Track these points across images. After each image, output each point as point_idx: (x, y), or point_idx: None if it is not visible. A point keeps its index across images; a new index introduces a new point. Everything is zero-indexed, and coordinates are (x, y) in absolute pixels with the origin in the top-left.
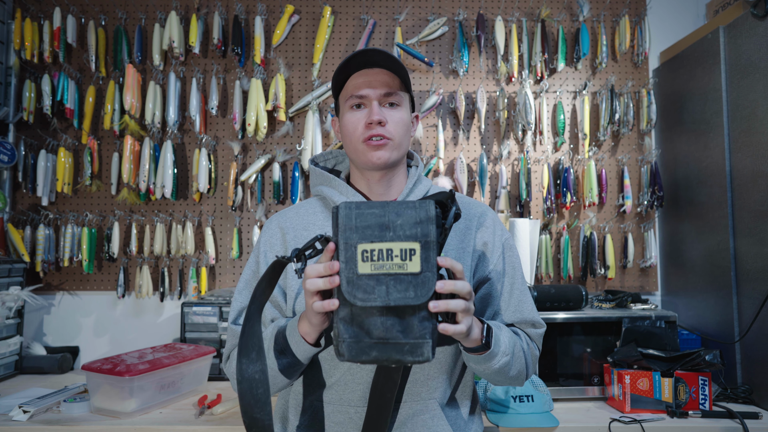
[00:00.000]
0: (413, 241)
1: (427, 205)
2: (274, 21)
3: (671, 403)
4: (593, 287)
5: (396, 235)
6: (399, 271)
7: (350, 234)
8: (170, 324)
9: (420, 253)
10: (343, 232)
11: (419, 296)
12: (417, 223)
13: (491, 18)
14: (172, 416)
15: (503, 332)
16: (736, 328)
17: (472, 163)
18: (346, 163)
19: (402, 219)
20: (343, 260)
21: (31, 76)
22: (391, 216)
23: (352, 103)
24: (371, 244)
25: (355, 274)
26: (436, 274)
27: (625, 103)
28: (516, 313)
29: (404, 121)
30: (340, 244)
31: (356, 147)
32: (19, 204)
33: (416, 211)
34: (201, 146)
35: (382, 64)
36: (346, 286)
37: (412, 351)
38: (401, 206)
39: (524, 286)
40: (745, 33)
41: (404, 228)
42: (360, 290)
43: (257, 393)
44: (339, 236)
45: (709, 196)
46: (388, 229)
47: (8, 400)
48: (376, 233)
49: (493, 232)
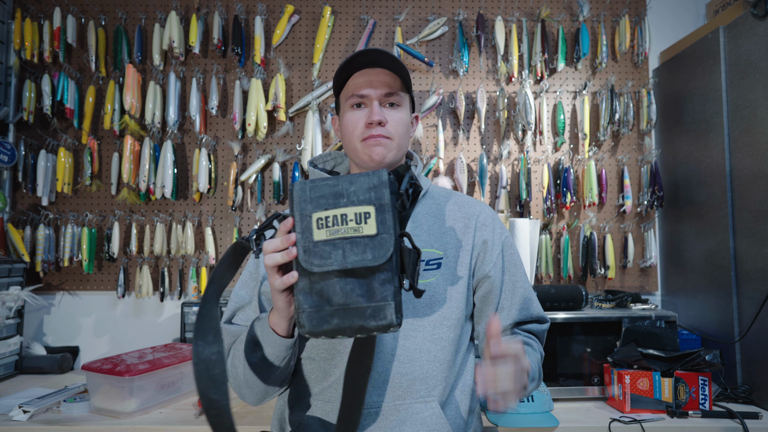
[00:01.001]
0: (367, 205)
1: (380, 173)
2: (274, 21)
3: (671, 403)
4: (593, 287)
5: (350, 200)
6: (354, 234)
7: (305, 205)
8: (170, 324)
9: (375, 216)
10: (297, 204)
11: (377, 258)
12: (370, 189)
13: (491, 18)
14: (172, 416)
15: (531, 359)
16: (736, 328)
17: (472, 163)
18: (345, 164)
19: (355, 186)
20: (300, 231)
21: (31, 76)
22: (344, 185)
23: (353, 102)
24: (325, 211)
25: (311, 242)
26: (393, 236)
27: (625, 103)
28: (523, 310)
29: (404, 122)
30: (296, 217)
31: (355, 146)
32: (19, 204)
33: (369, 178)
34: (201, 146)
35: (384, 64)
36: (303, 255)
37: (375, 315)
38: (354, 176)
39: (527, 283)
40: (745, 33)
41: (357, 194)
42: (316, 257)
43: (213, 373)
44: (294, 209)
45: (709, 196)
46: (342, 196)
47: (8, 400)
48: (330, 201)
49: (492, 230)
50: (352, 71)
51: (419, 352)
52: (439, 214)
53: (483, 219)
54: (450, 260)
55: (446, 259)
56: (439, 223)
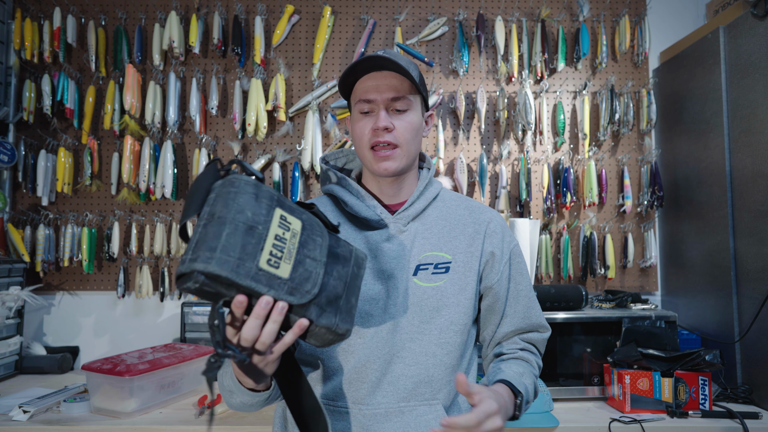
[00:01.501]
0: (273, 209)
1: (232, 180)
2: (274, 21)
3: (671, 403)
4: (593, 287)
5: (262, 222)
6: (297, 237)
7: (244, 266)
8: (170, 324)
9: (283, 210)
10: (238, 276)
11: (324, 232)
12: (254, 198)
13: (491, 18)
14: (172, 416)
15: (527, 382)
16: (736, 328)
17: (472, 163)
18: (357, 162)
19: (236, 206)
20: (267, 286)
21: (31, 76)
22: (232, 214)
23: (360, 109)
24: (263, 250)
25: (288, 280)
26: (306, 212)
27: (625, 103)
28: (524, 319)
29: (412, 126)
30: (249, 284)
31: (364, 154)
32: (19, 204)
33: (236, 192)
34: (201, 146)
35: (391, 67)
36: (293, 297)
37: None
38: (222, 198)
39: (531, 292)
40: (745, 33)
41: (256, 212)
42: (304, 284)
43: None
44: (242, 282)
45: (709, 196)
46: (254, 225)
47: (8, 400)
48: (253, 240)
49: (501, 239)
50: (359, 75)
51: (425, 355)
52: (449, 218)
53: (493, 227)
54: (458, 265)
55: (455, 264)
56: (449, 228)
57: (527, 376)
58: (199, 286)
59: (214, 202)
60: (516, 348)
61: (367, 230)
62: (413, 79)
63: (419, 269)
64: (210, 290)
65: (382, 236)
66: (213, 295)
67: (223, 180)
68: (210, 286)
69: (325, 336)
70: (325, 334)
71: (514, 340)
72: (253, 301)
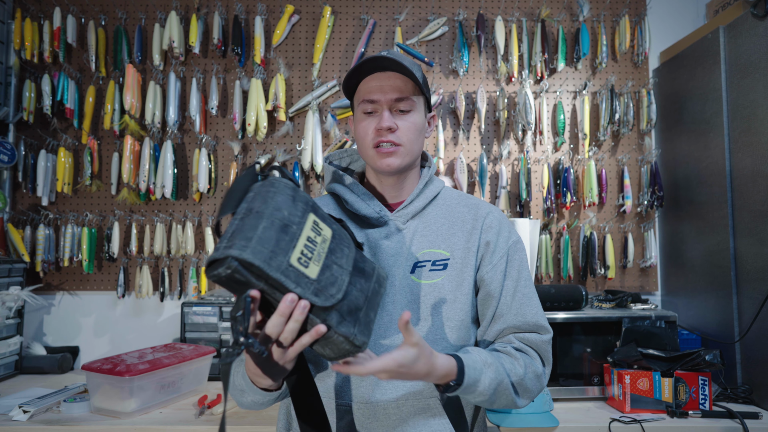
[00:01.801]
0: (307, 214)
1: (272, 182)
2: (274, 21)
3: (671, 403)
4: (593, 287)
5: (296, 223)
6: (327, 243)
7: (275, 260)
8: (170, 324)
9: (317, 217)
10: (269, 267)
11: (351, 243)
12: (293, 201)
13: (491, 18)
14: (172, 416)
15: (485, 374)
16: (736, 328)
17: (472, 163)
18: (360, 161)
19: (273, 204)
20: (295, 283)
21: (31, 76)
22: (270, 211)
23: (364, 109)
24: (295, 248)
25: (313, 281)
26: (336, 222)
27: (625, 103)
28: (518, 316)
29: (415, 126)
30: (278, 277)
31: (367, 152)
32: (19, 204)
33: (275, 192)
34: (201, 146)
35: (395, 68)
36: (317, 298)
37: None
38: (261, 195)
39: (529, 290)
40: (745, 33)
41: (293, 212)
42: (329, 288)
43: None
44: (271, 274)
45: (709, 196)
46: (288, 225)
47: (8, 400)
48: (286, 237)
49: (497, 232)
50: (362, 75)
51: None
52: (449, 216)
53: (490, 221)
54: (456, 261)
55: (453, 260)
56: (449, 225)
57: (492, 367)
58: (231, 272)
59: (253, 199)
60: (507, 346)
61: (368, 228)
62: (417, 80)
63: (417, 266)
64: (240, 278)
65: (381, 234)
66: (242, 284)
67: (263, 181)
68: (241, 274)
69: (342, 345)
70: (342, 343)
71: (509, 338)
72: (278, 296)
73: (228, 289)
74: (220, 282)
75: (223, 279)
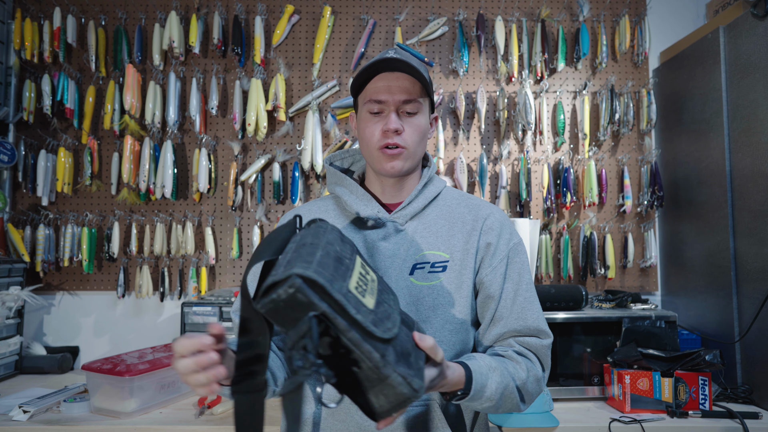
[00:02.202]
0: (354, 254)
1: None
2: (274, 21)
3: (671, 403)
4: (593, 287)
5: (348, 256)
6: (377, 282)
7: (335, 284)
8: (170, 324)
9: (363, 256)
10: (331, 287)
11: (395, 292)
12: (339, 240)
13: (491, 18)
14: (172, 416)
15: (492, 379)
16: (736, 328)
17: (472, 163)
18: (361, 162)
19: (326, 239)
20: (354, 309)
21: (31, 76)
22: (324, 243)
23: (370, 109)
24: (352, 276)
25: (369, 311)
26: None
27: (625, 103)
28: (519, 320)
29: (421, 129)
30: (339, 298)
31: (372, 153)
32: (19, 204)
33: (323, 230)
34: (201, 146)
35: (403, 68)
36: (375, 327)
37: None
38: (311, 233)
39: (531, 293)
40: (745, 33)
41: (344, 247)
42: (385, 321)
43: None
44: (333, 293)
45: (709, 196)
46: (341, 258)
47: (8, 400)
48: (341, 266)
49: (498, 234)
50: (371, 74)
51: None
52: (449, 217)
53: (490, 223)
54: (456, 263)
55: (452, 262)
56: (449, 226)
57: (497, 372)
58: (294, 291)
59: (303, 236)
60: (508, 349)
61: (366, 229)
62: (425, 81)
63: (416, 268)
64: (302, 299)
65: (380, 235)
66: (301, 308)
67: (310, 225)
68: (304, 294)
69: (399, 388)
70: (400, 385)
71: (509, 342)
72: (339, 321)
73: (281, 319)
74: (275, 308)
75: (282, 302)
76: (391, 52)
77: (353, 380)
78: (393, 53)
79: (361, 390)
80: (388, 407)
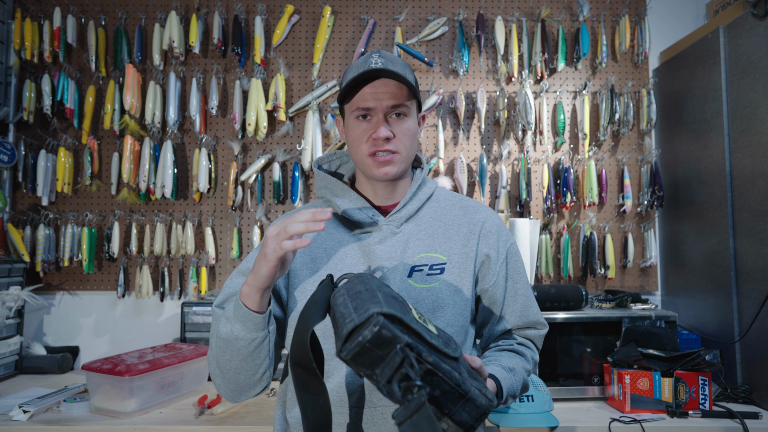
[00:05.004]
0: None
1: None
2: (274, 21)
3: (671, 403)
4: (593, 287)
5: (402, 300)
6: (420, 316)
7: (407, 315)
8: (170, 324)
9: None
10: (407, 319)
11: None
12: (383, 284)
13: (491, 18)
14: (172, 416)
15: (515, 378)
16: (736, 328)
17: (472, 163)
18: (350, 164)
19: (375, 284)
20: (429, 335)
21: (31, 76)
22: (375, 287)
23: (358, 114)
24: (411, 310)
25: (435, 336)
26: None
27: (625, 103)
28: (521, 317)
29: (411, 132)
30: (417, 328)
31: (363, 160)
32: (19, 204)
33: (361, 278)
34: (201, 146)
35: (390, 75)
36: (445, 347)
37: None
38: (358, 282)
39: (528, 290)
40: (745, 33)
41: (386, 288)
42: (451, 345)
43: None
44: (411, 324)
45: (709, 196)
46: (395, 296)
47: (8, 400)
48: (397, 303)
49: (497, 239)
50: (356, 85)
51: None
52: (443, 219)
53: (488, 227)
54: (453, 266)
55: (450, 265)
56: (444, 228)
57: (517, 373)
58: (379, 329)
59: (351, 287)
60: (513, 342)
61: (361, 233)
62: (411, 85)
63: (414, 271)
64: (386, 334)
65: (375, 239)
66: (387, 343)
67: (345, 278)
68: (388, 329)
69: (479, 400)
70: (479, 398)
71: (512, 335)
72: (421, 349)
73: (366, 360)
74: (361, 351)
75: (368, 342)
76: (374, 57)
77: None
78: (376, 61)
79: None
80: (471, 422)
